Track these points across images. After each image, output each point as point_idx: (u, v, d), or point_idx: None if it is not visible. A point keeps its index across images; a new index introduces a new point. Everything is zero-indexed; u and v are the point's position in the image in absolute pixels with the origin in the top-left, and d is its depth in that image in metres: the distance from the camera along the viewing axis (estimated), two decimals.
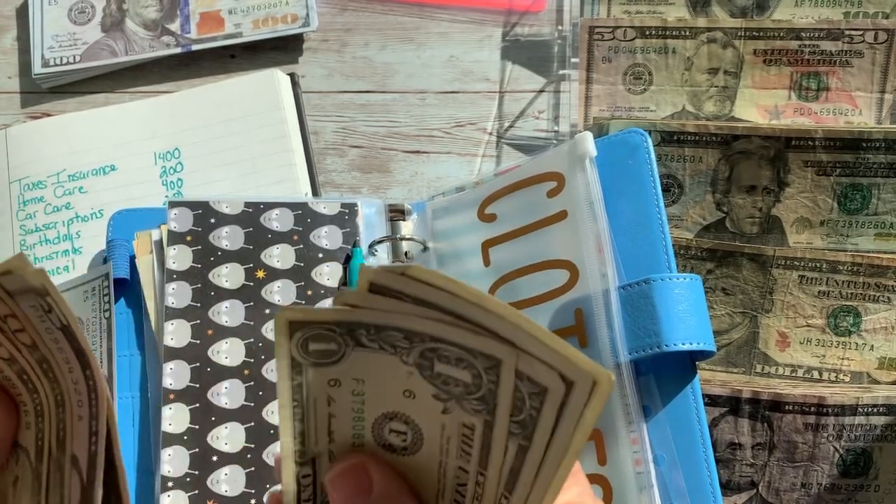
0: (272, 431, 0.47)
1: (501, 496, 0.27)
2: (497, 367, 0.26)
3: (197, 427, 0.46)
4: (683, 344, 0.42)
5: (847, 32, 0.55)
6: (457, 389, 0.27)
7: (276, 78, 0.60)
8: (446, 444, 0.29)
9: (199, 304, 0.48)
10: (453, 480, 0.29)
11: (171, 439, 0.46)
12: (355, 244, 0.51)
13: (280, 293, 0.49)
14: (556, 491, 0.25)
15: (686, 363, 0.43)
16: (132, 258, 0.51)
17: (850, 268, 0.52)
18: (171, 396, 0.46)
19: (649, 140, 0.46)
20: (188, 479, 0.45)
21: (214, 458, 0.46)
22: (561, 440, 0.25)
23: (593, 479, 0.42)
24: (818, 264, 0.52)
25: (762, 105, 0.57)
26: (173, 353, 0.47)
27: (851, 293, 0.52)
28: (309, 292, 0.49)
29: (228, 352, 0.48)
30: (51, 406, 0.30)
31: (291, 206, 0.51)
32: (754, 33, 0.56)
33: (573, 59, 0.58)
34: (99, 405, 0.29)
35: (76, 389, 0.29)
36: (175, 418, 0.46)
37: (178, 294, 0.48)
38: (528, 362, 0.25)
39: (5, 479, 0.31)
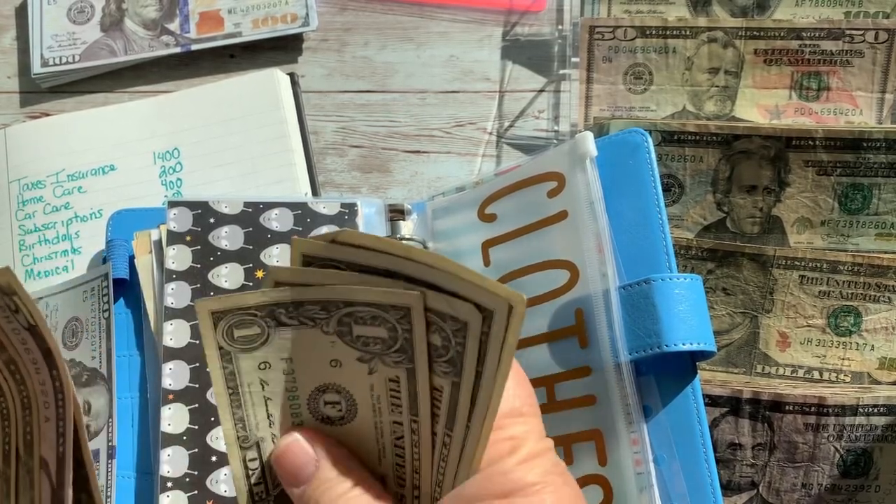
0: None
1: (444, 434, 0.29)
2: (408, 315, 0.27)
3: (196, 427, 0.46)
4: (684, 344, 0.42)
5: (848, 32, 0.55)
6: (377, 347, 0.29)
7: (276, 78, 0.60)
8: (378, 404, 0.30)
9: None
10: (390, 437, 0.30)
11: (171, 439, 0.46)
12: None
13: None
14: (493, 415, 0.27)
15: (686, 363, 0.43)
16: (131, 258, 0.51)
17: (850, 268, 0.52)
18: (171, 397, 0.46)
19: (650, 140, 0.46)
20: (187, 480, 0.45)
21: (214, 459, 0.46)
22: (490, 368, 0.26)
23: (594, 479, 0.42)
24: (819, 264, 0.52)
25: (763, 105, 0.57)
26: (173, 354, 0.47)
27: (852, 293, 0.52)
28: None
29: None
30: (17, 409, 0.30)
31: (291, 205, 0.51)
32: (755, 33, 0.56)
33: (573, 59, 0.58)
34: (66, 406, 0.29)
35: (43, 391, 0.29)
36: (174, 418, 0.46)
37: (178, 294, 0.48)
38: (443, 300, 0.27)
39: None
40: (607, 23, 0.57)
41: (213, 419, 0.46)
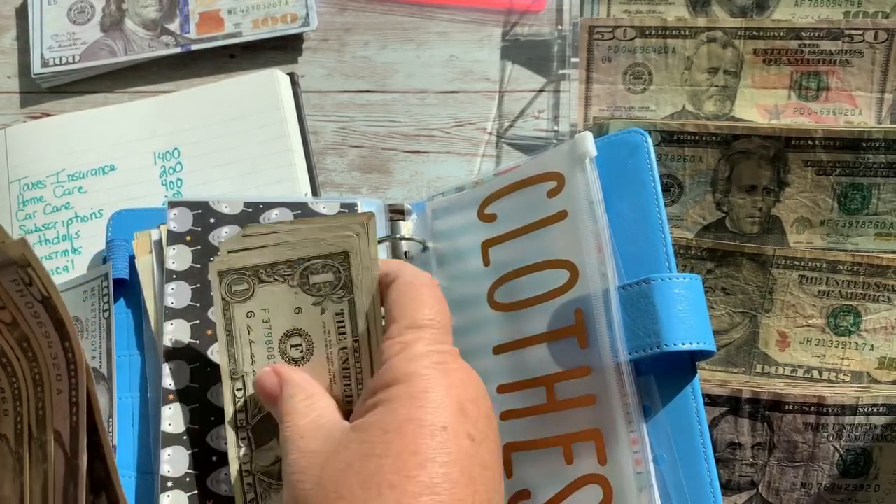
0: None
1: (353, 341, 0.40)
2: (346, 258, 0.39)
3: (196, 427, 0.46)
4: (683, 344, 0.42)
5: (847, 32, 0.55)
6: (326, 289, 0.40)
7: (276, 78, 0.60)
8: (328, 337, 0.40)
9: (198, 304, 0.48)
10: (339, 364, 0.40)
11: (171, 439, 0.46)
12: None
13: None
14: (378, 303, 0.40)
15: (686, 363, 0.43)
16: (132, 258, 0.51)
17: (850, 267, 0.52)
18: (171, 396, 0.46)
19: (649, 140, 0.46)
20: (188, 479, 0.45)
21: (214, 459, 0.46)
22: (368, 276, 0.39)
23: (593, 479, 0.42)
24: (818, 264, 0.52)
25: (762, 105, 0.57)
26: (173, 353, 0.47)
27: (851, 293, 0.52)
28: None
29: None
30: (29, 388, 0.30)
31: (291, 205, 0.51)
32: (754, 33, 0.56)
33: (573, 59, 0.58)
34: (78, 375, 0.29)
35: (55, 364, 0.29)
36: (174, 418, 0.46)
37: (178, 294, 0.48)
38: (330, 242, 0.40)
39: None
40: (607, 23, 0.57)
41: (213, 419, 0.46)
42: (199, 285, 0.48)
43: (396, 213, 0.53)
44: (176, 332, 0.48)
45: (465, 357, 0.48)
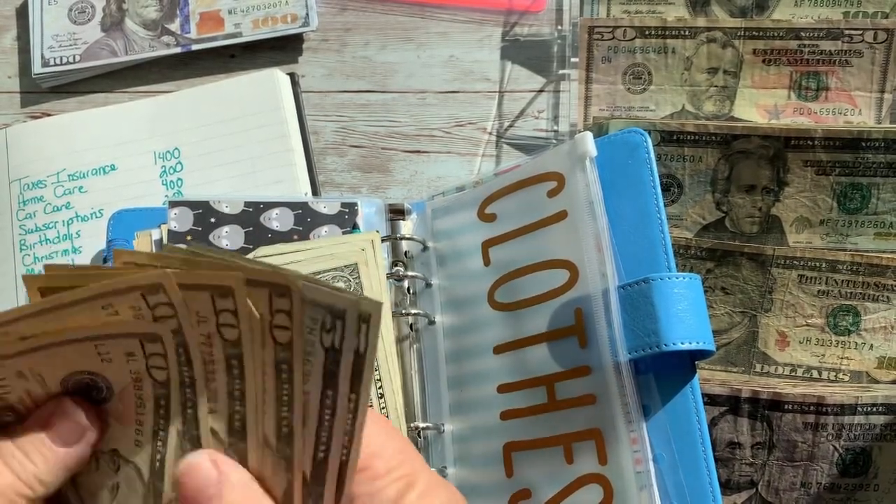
0: None
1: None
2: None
3: None
4: (683, 343, 0.42)
5: (846, 32, 0.56)
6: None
7: (276, 78, 0.60)
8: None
9: None
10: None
11: None
12: None
13: None
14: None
15: (685, 362, 0.43)
16: None
17: (849, 267, 0.52)
18: None
19: (649, 140, 0.46)
20: None
21: None
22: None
23: (594, 478, 0.42)
24: (817, 264, 0.52)
25: (762, 105, 0.57)
26: None
27: (851, 292, 0.52)
28: None
29: None
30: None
31: (291, 205, 0.51)
32: (754, 33, 0.56)
33: (573, 59, 0.58)
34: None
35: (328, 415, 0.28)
36: None
37: None
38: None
39: (95, 480, 0.32)
40: (606, 23, 0.58)
41: None
42: None
43: (396, 212, 0.53)
44: None
45: (465, 357, 0.48)
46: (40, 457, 0.30)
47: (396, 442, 0.31)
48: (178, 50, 0.62)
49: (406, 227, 0.52)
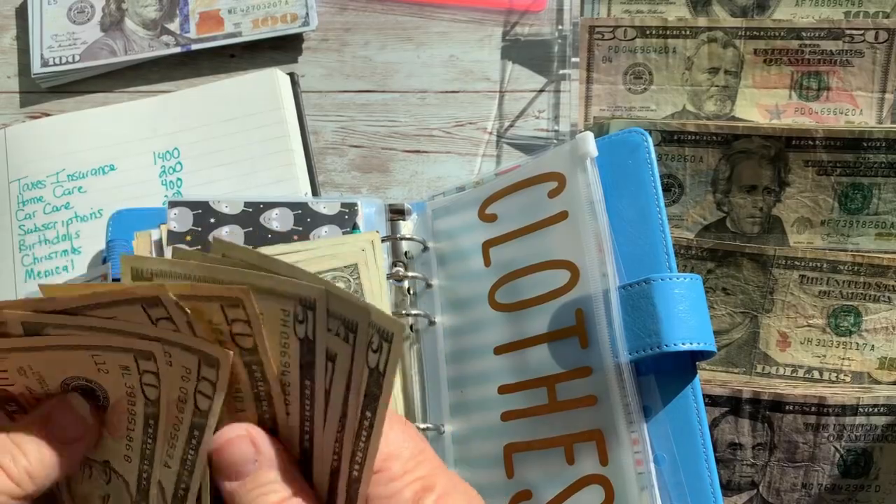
0: None
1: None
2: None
3: None
4: (684, 344, 0.42)
5: (847, 32, 0.55)
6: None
7: (276, 77, 0.60)
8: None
9: None
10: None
11: None
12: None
13: None
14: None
15: (686, 363, 0.43)
16: None
17: (850, 267, 0.52)
18: None
19: (650, 140, 0.46)
20: None
21: None
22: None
23: (595, 479, 0.42)
24: (819, 264, 0.52)
25: (763, 105, 0.57)
26: None
27: (852, 293, 0.52)
28: None
29: None
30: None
31: (291, 205, 0.51)
32: (755, 33, 0.56)
33: (573, 59, 0.58)
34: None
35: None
36: None
37: None
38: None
39: (87, 489, 0.32)
40: (607, 23, 0.57)
41: None
42: None
43: (397, 213, 0.52)
44: None
45: (466, 358, 0.48)
46: (34, 451, 0.30)
47: (414, 443, 0.30)
48: (177, 50, 0.62)
49: (406, 227, 0.52)
